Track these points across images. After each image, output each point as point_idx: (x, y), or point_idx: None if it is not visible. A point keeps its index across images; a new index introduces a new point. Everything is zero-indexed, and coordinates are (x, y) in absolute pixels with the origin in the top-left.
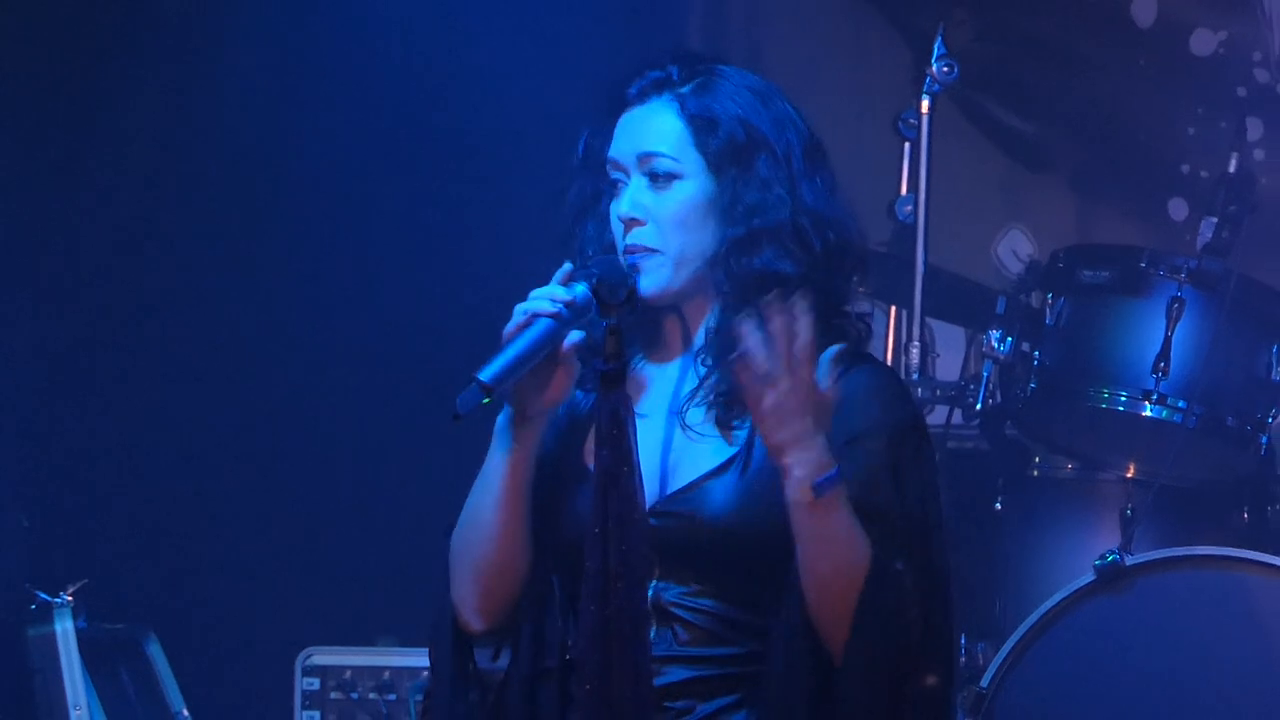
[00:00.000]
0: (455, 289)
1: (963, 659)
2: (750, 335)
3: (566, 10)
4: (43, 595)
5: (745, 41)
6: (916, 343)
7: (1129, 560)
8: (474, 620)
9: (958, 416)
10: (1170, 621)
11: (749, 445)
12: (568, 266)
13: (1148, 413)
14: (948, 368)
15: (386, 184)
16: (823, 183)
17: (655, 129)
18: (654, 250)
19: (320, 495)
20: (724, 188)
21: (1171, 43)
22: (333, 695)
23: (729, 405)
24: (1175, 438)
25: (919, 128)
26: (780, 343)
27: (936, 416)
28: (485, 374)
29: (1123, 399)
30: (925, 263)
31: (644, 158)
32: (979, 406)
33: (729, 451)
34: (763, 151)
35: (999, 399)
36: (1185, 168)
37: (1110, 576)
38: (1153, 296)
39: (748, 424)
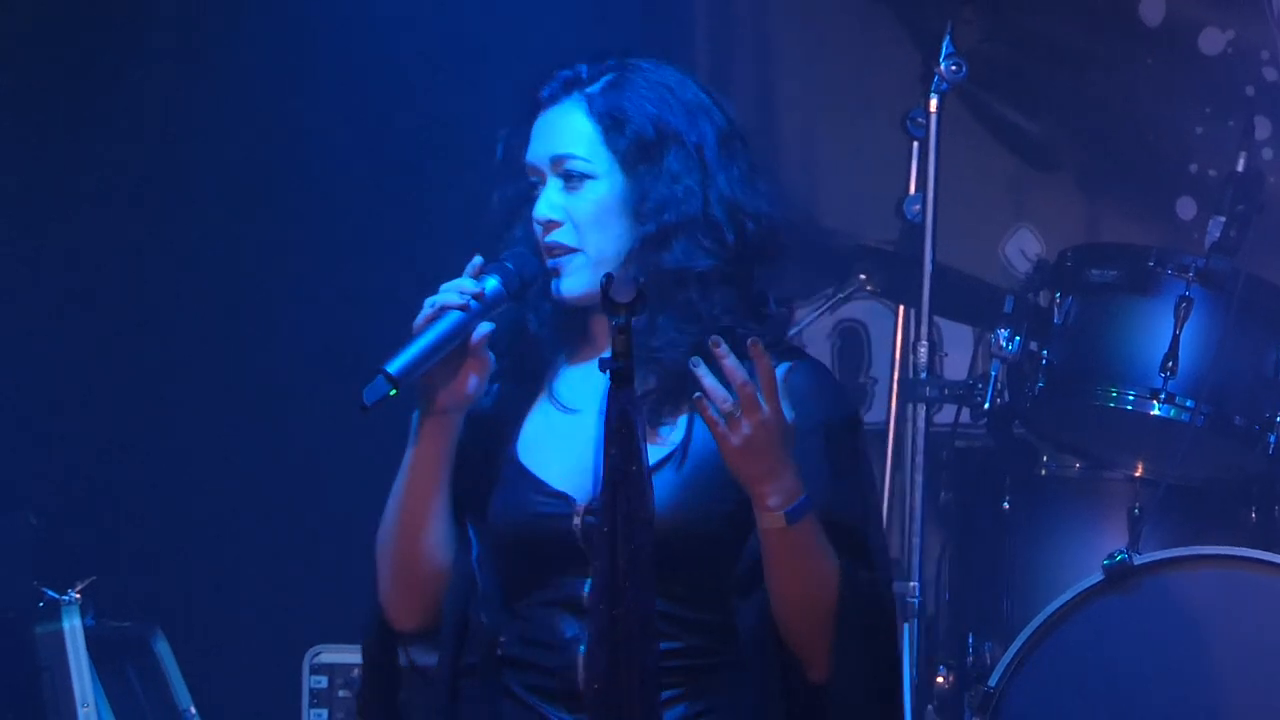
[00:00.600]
0: None
1: (970, 658)
2: (705, 377)
3: (573, 10)
4: (50, 593)
5: (753, 40)
6: (924, 341)
7: (1137, 560)
8: (401, 618)
9: (965, 415)
10: (1178, 621)
11: (684, 444)
12: (478, 260)
13: (1156, 411)
14: (955, 367)
15: (397, 185)
16: (740, 171)
17: (566, 130)
18: (573, 250)
19: (328, 492)
20: (635, 185)
21: (1180, 42)
22: (340, 693)
23: (658, 404)
24: (1183, 437)
25: (927, 127)
26: (735, 381)
27: (944, 415)
28: (391, 365)
29: (1130, 398)
30: (933, 262)
31: (557, 160)
32: (987, 405)
33: (663, 450)
34: (673, 145)
35: (1007, 398)
36: (1193, 167)
37: (1119, 576)
38: (1161, 295)
39: (680, 422)
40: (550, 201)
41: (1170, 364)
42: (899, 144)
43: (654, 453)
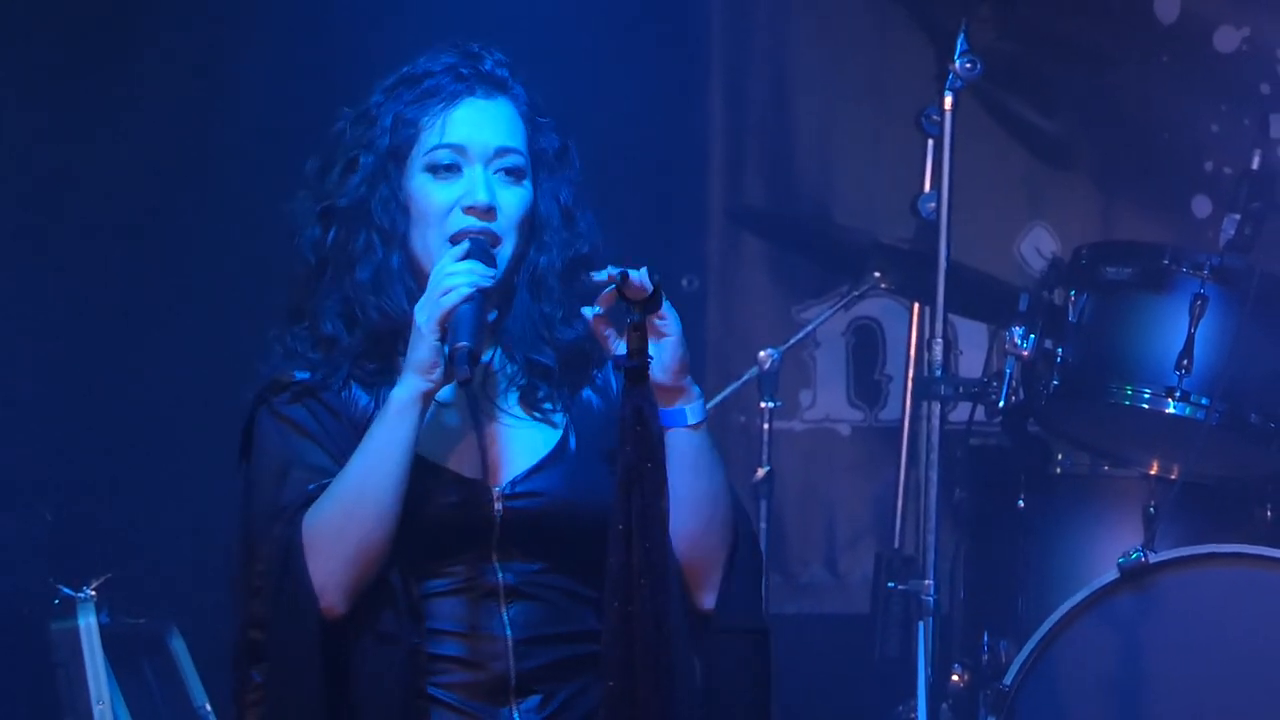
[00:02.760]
0: None
1: (985, 656)
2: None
3: (590, 8)
4: (66, 590)
5: (769, 38)
6: (939, 339)
7: (1153, 558)
8: (339, 603)
9: (980, 413)
10: (1194, 619)
11: (571, 427)
12: (466, 244)
13: (1170, 410)
14: (970, 364)
15: None
16: None
17: (508, 125)
18: (500, 240)
19: None
20: (554, 191)
21: (1195, 40)
22: None
23: (545, 389)
24: (1198, 434)
25: (942, 124)
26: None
27: (959, 413)
28: (466, 341)
29: (1145, 396)
30: (948, 259)
31: (501, 152)
32: (1001, 404)
33: (556, 434)
34: (568, 155)
35: (1021, 396)
36: (1208, 165)
37: (1134, 574)
38: (1176, 293)
39: (560, 407)
40: (492, 190)
41: (1185, 362)
42: (914, 142)
43: (551, 435)
